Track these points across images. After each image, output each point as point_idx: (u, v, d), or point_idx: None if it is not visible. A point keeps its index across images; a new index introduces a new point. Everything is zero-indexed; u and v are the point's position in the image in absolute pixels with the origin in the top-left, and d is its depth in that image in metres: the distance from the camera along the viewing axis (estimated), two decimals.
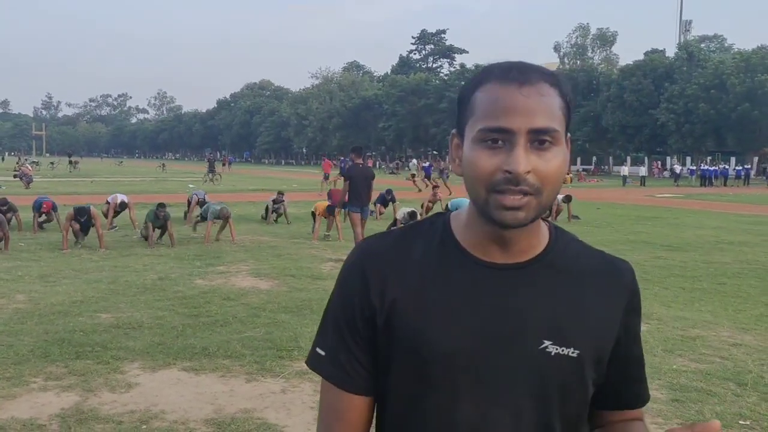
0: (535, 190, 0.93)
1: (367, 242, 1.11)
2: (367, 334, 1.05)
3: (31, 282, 8.30)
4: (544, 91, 0.95)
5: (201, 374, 4.97)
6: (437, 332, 1.00)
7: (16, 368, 4.96)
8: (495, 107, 0.94)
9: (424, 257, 1.05)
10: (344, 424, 1.08)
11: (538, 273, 1.03)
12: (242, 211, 17.53)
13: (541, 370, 0.99)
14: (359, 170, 10.20)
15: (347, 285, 1.07)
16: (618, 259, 1.12)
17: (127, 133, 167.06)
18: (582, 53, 78.57)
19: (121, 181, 36.37)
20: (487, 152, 0.95)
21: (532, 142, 0.94)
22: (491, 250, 1.02)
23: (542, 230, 1.07)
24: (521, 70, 0.96)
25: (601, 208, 21.70)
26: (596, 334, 1.03)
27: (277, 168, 79.55)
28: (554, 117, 0.95)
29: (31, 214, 13.55)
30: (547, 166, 0.94)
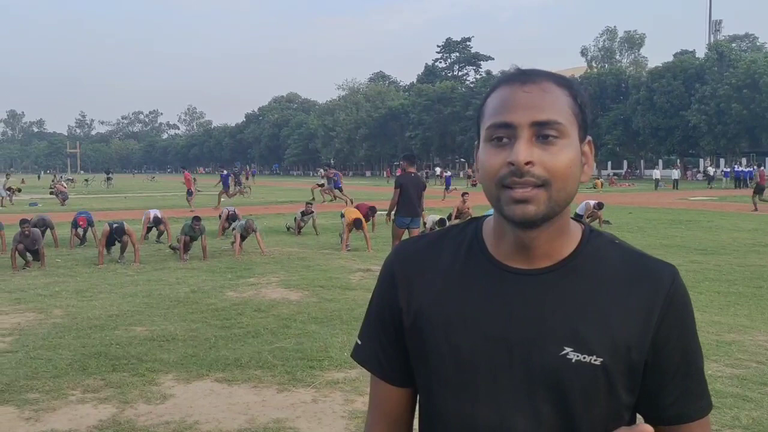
0: (543, 181, 0.94)
1: (401, 245, 1.16)
2: (396, 332, 1.10)
3: (68, 297, 8.50)
4: (548, 89, 0.97)
5: (234, 385, 5.04)
6: (458, 337, 1.02)
7: (54, 381, 5.09)
8: (499, 106, 0.98)
9: (451, 262, 1.07)
10: (378, 413, 1.15)
11: (561, 279, 1.01)
12: (271, 223, 17.71)
13: (561, 377, 0.98)
14: (410, 179, 9.72)
15: (380, 284, 1.14)
16: (658, 262, 1.04)
17: (158, 149, 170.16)
18: (610, 56, 77.83)
19: (154, 196, 36.98)
20: (494, 150, 0.97)
21: (537, 136, 0.95)
22: (515, 255, 1.03)
23: (571, 233, 1.05)
24: (526, 72, 1.00)
25: (633, 212, 21.42)
26: (623, 342, 0.98)
27: (305, 179, 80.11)
28: (558, 111, 0.96)
29: (67, 230, 13.88)
30: (553, 159, 0.94)
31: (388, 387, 1.13)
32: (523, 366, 0.99)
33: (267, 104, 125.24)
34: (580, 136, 1.00)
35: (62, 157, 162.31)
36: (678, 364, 1.02)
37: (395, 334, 1.10)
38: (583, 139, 1.01)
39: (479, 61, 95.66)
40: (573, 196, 0.99)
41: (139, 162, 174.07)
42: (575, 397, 0.98)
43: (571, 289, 1.01)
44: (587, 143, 1.02)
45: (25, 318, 7.32)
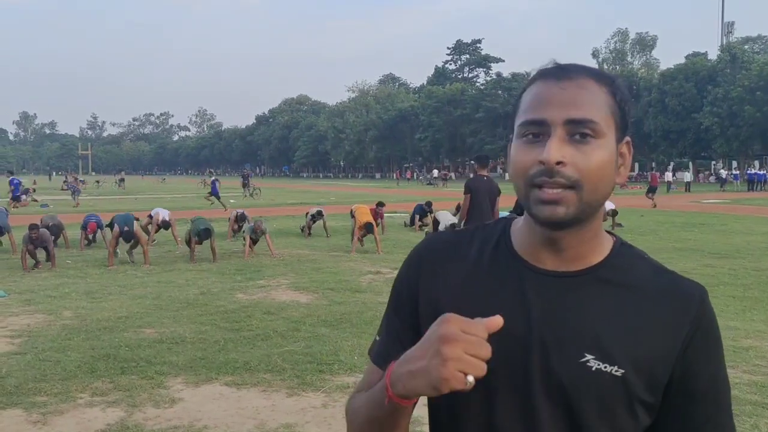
0: (573, 182, 0.91)
1: (433, 235, 1.14)
2: (411, 316, 1.07)
3: (78, 298, 8.49)
4: (586, 85, 0.94)
5: (243, 389, 4.99)
6: None
7: (63, 384, 5.06)
8: (534, 102, 0.95)
9: (478, 257, 1.06)
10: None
11: (589, 284, 0.98)
12: (281, 225, 17.69)
13: (578, 384, 0.94)
14: (482, 183, 8.65)
15: (405, 267, 1.11)
16: (688, 281, 1.02)
17: (169, 151, 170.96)
18: (621, 58, 77.58)
19: (164, 198, 37.09)
20: (526, 147, 0.94)
21: (572, 135, 0.92)
22: (543, 255, 1.00)
23: (602, 241, 1.02)
24: (563, 67, 0.97)
25: (645, 215, 21.26)
26: (647, 356, 0.95)
27: (314, 181, 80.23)
28: (595, 109, 0.93)
29: (78, 231, 13.91)
30: (586, 160, 0.91)
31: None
32: (540, 368, 0.95)
33: (277, 106, 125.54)
34: (618, 136, 0.96)
35: (74, 159, 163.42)
36: (705, 391, 0.97)
37: (411, 324, 1.06)
38: (621, 139, 0.97)
39: (489, 63, 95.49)
40: (606, 198, 0.96)
41: (150, 164, 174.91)
42: (591, 406, 0.94)
43: (598, 296, 0.98)
44: (625, 144, 0.99)
45: (35, 319, 7.30)
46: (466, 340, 0.83)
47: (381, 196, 21.03)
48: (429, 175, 65.11)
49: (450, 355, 0.82)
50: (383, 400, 0.91)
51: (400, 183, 63.49)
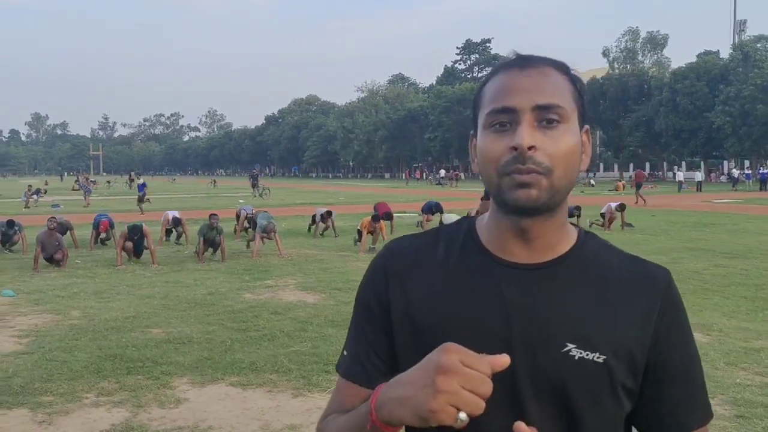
0: (544, 169, 0.91)
1: (394, 241, 1.11)
2: (386, 329, 1.03)
3: (87, 298, 8.51)
4: (548, 72, 0.95)
5: (248, 389, 4.97)
6: (456, 333, 0.93)
7: (69, 384, 5.06)
8: (499, 91, 0.95)
9: (445, 258, 1.03)
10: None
11: (562, 273, 0.98)
12: (290, 225, 17.69)
13: (564, 375, 0.94)
14: None
15: (369, 279, 1.08)
16: (653, 265, 1.03)
17: (179, 151, 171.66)
18: (632, 57, 77.07)
19: (174, 198, 37.23)
20: (495, 135, 0.94)
21: (540, 120, 0.92)
22: (513, 248, 0.99)
23: (569, 231, 1.02)
24: (525, 57, 0.98)
25: (656, 215, 21.10)
26: (625, 341, 0.95)
27: (324, 181, 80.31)
28: (560, 95, 0.93)
29: (87, 231, 13.98)
30: (555, 144, 0.91)
31: (360, 389, 1.03)
32: (524, 361, 0.94)
33: (287, 106, 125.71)
34: (580, 123, 0.97)
35: (85, 159, 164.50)
36: (678, 368, 0.99)
37: (383, 331, 1.03)
38: (582, 127, 0.98)
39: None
40: (573, 184, 0.96)
41: (160, 164, 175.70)
42: (579, 396, 0.94)
43: (571, 285, 0.98)
44: (585, 132, 1.00)
45: (43, 319, 7.32)
46: (466, 374, 0.79)
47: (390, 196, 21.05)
48: (437, 175, 64.83)
49: (444, 387, 0.78)
50: (366, 424, 0.88)
51: (410, 183, 63.39)
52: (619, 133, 65.91)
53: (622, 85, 65.44)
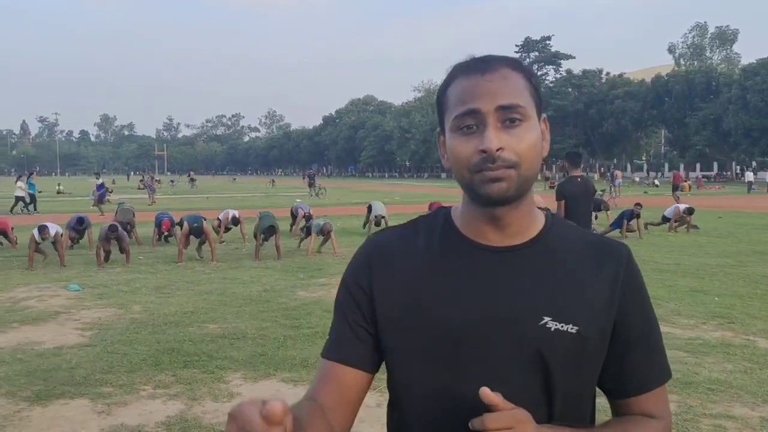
0: (513, 164, 1.00)
1: (375, 235, 1.19)
2: (367, 315, 1.11)
3: (148, 293, 8.76)
4: (507, 74, 1.03)
5: (299, 386, 5.01)
6: (439, 314, 1.05)
7: (128, 376, 5.21)
8: (463, 95, 1.03)
9: (427, 246, 1.12)
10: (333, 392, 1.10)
11: (535, 254, 1.08)
12: (345, 224, 17.80)
13: (542, 346, 1.02)
14: (577, 186, 7.41)
15: (352, 269, 1.15)
16: (614, 241, 1.15)
17: (240, 151, 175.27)
18: (699, 53, 74.58)
19: (234, 197, 38.04)
20: (463, 138, 1.02)
21: (503, 121, 1.00)
22: (488, 233, 1.08)
23: (537, 215, 1.12)
24: (483, 60, 1.05)
25: (723, 217, 20.29)
26: (594, 311, 1.05)
27: (380, 181, 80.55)
28: (519, 95, 1.02)
29: (151, 228, 14.41)
30: (520, 142, 1.00)
31: (351, 371, 1.11)
32: (506, 339, 1.03)
33: (344, 107, 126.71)
34: (538, 114, 1.06)
35: (150, 159, 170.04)
36: (639, 332, 1.09)
37: (365, 317, 1.11)
38: (539, 117, 1.07)
39: (559, 60, 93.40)
40: (538, 172, 1.05)
41: (221, 164, 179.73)
42: (556, 365, 1.03)
43: (545, 263, 1.07)
44: (543, 121, 1.08)
45: (106, 313, 7.58)
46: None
47: (446, 196, 20.89)
48: None
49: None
50: None
51: None
52: (685, 131, 63.74)
53: (688, 82, 63.27)
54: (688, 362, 5.46)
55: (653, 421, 1.09)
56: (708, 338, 6.23)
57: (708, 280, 9.38)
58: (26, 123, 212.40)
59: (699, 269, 10.37)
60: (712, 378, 5.04)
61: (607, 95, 69.89)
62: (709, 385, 4.89)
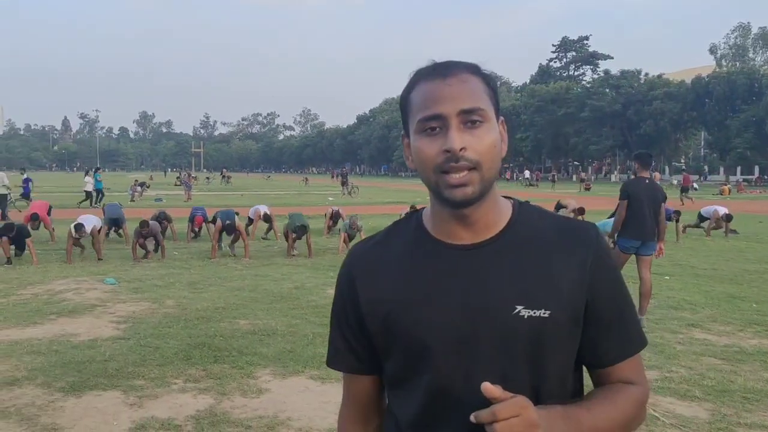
0: (475, 163, 1.06)
1: (356, 246, 1.27)
2: (359, 324, 1.20)
3: (181, 288, 8.90)
4: (466, 79, 1.09)
5: (327, 383, 5.03)
6: (420, 316, 1.11)
7: (160, 369, 5.30)
8: (426, 100, 1.09)
9: (401, 252, 1.18)
10: (351, 402, 1.29)
11: (503, 246, 1.13)
12: (376, 224, 17.80)
13: (517, 334, 1.08)
14: (644, 187, 6.97)
15: (339, 285, 1.25)
16: (580, 222, 1.21)
17: (275, 150, 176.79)
18: (742, 55, 72.87)
19: (268, 194, 38.40)
20: (427, 140, 1.08)
21: (465, 123, 1.06)
22: (457, 232, 1.14)
23: (503, 206, 1.18)
24: (443, 65, 1.11)
25: (764, 221, 19.77)
26: (565, 294, 1.10)
27: (412, 181, 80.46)
28: (479, 98, 1.08)
29: (185, 225, 14.64)
30: (480, 142, 1.06)
31: (359, 377, 1.25)
32: (485, 333, 1.09)
33: (378, 106, 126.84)
34: (496, 116, 1.11)
35: (187, 156, 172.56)
36: (612, 309, 1.15)
37: (358, 327, 1.20)
38: (498, 119, 1.12)
39: (597, 60, 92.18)
40: (498, 171, 1.12)
41: (256, 161, 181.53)
42: (534, 350, 1.09)
43: (513, 254, 1.13)
44: (501, 123, 1.14)
45: (140, 307, 7.72)
46: None
47: None
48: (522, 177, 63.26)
49: None
50: None
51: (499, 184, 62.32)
52: (726, 134, 62.25)
53: (730, 84, 61.76)
54: (723, 370, 5.34)
55: (632, 386, 1.16)
56: (745, 346, 6.08)
57: (746, 287, 9.16)
58: (68, 119, 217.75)
59: (737, 275, 10.13)
60: (748, 387, 4.91)
61: (646, 96, 68.61)
62: (744, 393, 4.77)
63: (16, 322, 6.93)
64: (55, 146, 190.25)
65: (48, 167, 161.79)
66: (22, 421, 4.24)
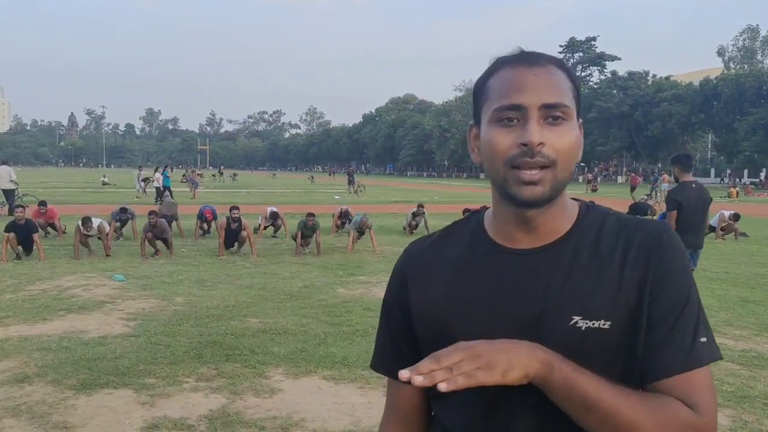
0: (551, 162, 0.98)
1: (412, 245, 1.22)
2: (409, 329, 1.14)
3: (190, 285, 8.85)
4: (554, 72, 1.01)
5: (340, 384, 4.97)
6: (473, 322, 1.05)
7: (171, 368, 5.24)
8: (508, 87, 1.00)
9: (457, 255, 1.12)
10: (394, 413, 1.22)
11: (563, 252, 1.05)
12: (383, 222, 17.76)
13: (574, 346, 0.99)
14: (692, 192, 6.46)
15: (391, 286, 1.20)
16: (650, 222, 1.10)
17: (280, 148, 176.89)
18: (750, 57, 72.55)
19: (274, 192, 38.37)
20: (502, 130, 1.00)
21: (546, 118, 0.98)
22: (519, 236, 1.07)
23: (569, 210, 1.09)
24: (530, 54, 1.03)
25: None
26: (626, 303, 1.01)
27: (419, 180, 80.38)
28: (564, 94, 1.00)
29: (193, 221, 14.60)
30: (560, 140, 0.99)
31: (405, 386, 1.13)
32: (539, 341, 0.99)
33: (384, 105, 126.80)
34: (577, 118, 1.04)
35: (193, 153, 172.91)
36: (674, 316, 1.01)
37: (408, 332, 1.15)
38: (577, 120, 1.04)
39: (604, 61, 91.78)
40: (572, 176, 1.05)
41: (262, 159, 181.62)
42: (592, 364, 0.98)
43: (573, 261, 1.05)
44: (579, 126, 1.05)
45: (150, 304, 7.67)
46: None
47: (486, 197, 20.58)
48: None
49: None
50: None
51: None
52: (733, 136, 61.99)
53: (738, 86, 61.48)
54: (742, 375, 5.25)
55: (683, 406, 0.95)
56: (762, 351, 5.99)
57: (760, 290, 9.07)
58: (74, 115, 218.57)
59: (750, 279, 10.04)
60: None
61: (653, 98, 68.35)
62: (765, 399, 4.69)
63: (25, 318, 6.90)
64: (61, 142, 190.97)
65: (54, 163, 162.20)
66: (33, 419, 4.20)
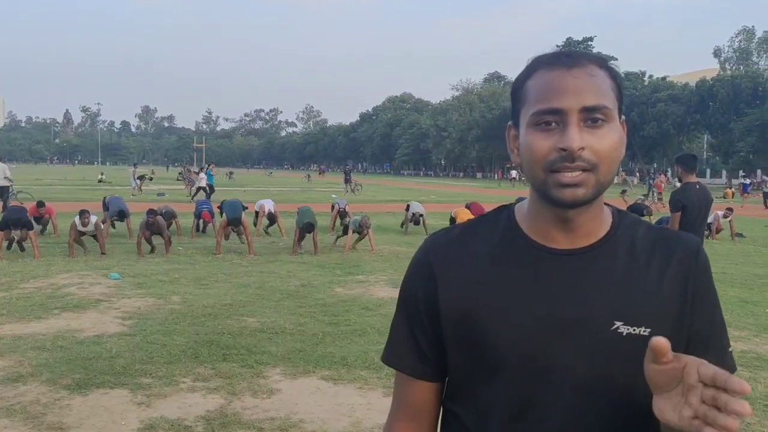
0: (592, 165, 0.95)
1: (434, 236, 1.15)
2: (432, 324, 1.08)
3: (187, 284, 8.79)
4: (594, 72, 0.98)
5: (339, 384, 4.93)
6: (507, 321, 1.01)
7: (168, 367, 5.19)
8: (546, 90, 0.97)
9: (488, 249, 1.07)
10: (405, 410, 1.14)
11: (602, 256, 1.03)
12: (380, 221, 17.71)
13: (614, 351, 0.98)
14: (696, 194, 6.33)
15: (414, 275, 1.12)
16: (685, 235, 1.10)
17: (277, 146, 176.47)
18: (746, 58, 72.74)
19: (270, 191, 38.26)
20: (541, 134, 0.97)
21: (585, 120, 0.96)
22: (555, 235, 1.04)
23: (605, 214, 1.08)
24: (569, 55, 1.00)
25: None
26: (665, 311, 1.01)
27: (415, 179, 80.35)
28: (605, 95, 0.97)
29: (189, 220, 14.52)
30: (601, 143, 0.96)
31: (417, 384, 1.12)
32: (578, 345, 0.99)
33: (381, 104, 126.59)
34: (619, 115, 1.01)
35: (189, 151, 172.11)
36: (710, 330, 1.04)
37: (430, 324, 1.09)
38: (620, 118, 1.02)
39: None
40: (614, 176, 1.02)
41: (258, 158, 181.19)
42: (629, 369, 0.97)
43: (612, 265, 1.03)
44: (622, 123, 1.02)
45: (145, 303, 7.61)
46: None
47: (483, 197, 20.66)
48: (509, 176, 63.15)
49: None
50: None
51: (502, 184, 62.33)
52: (729, 137, 62.12)
53: (734, 87, 61.58)
54: (742, 376, 5.21)
55: None
56: (762, 352, 5.97)
57: (757, 291, 9.07)
58: (69, 112, 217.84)
59: (747, 279, 10.04)
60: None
61: (650, 98, 68.41)
62: (765, 401, 4.68)
63: (19, 317, 6.83)
64: (56, 139, 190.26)
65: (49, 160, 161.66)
66: (28, 420, 4.14)
